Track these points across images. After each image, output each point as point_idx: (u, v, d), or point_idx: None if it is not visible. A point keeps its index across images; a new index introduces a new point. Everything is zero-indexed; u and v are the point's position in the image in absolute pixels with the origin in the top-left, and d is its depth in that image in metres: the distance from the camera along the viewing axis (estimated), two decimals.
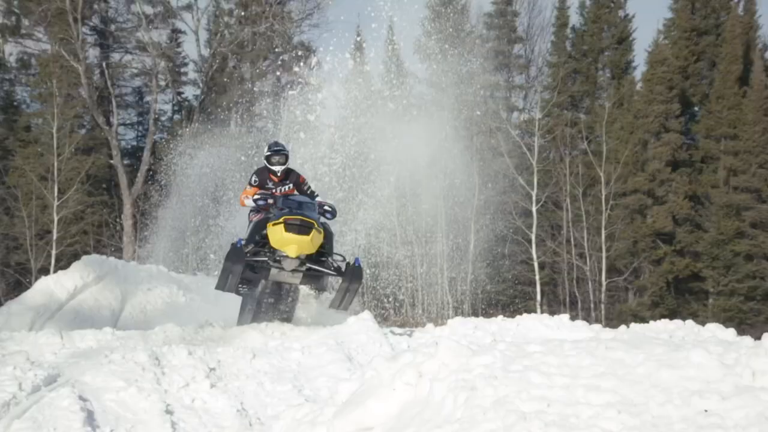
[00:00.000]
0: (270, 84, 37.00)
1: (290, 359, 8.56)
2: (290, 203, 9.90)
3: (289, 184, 10.57)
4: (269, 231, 9.73)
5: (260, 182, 10.51)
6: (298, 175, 10.76)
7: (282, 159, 10.46)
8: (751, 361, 4.67)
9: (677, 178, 32.72)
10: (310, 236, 9.59)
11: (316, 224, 9.66)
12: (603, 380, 4.71)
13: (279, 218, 9.62)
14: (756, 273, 30.84)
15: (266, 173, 10.52)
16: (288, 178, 10.57)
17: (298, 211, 9.67)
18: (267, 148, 10.62)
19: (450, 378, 5.06)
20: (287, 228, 9.52)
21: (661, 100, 33.01)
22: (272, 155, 10.50)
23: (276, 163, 10.42)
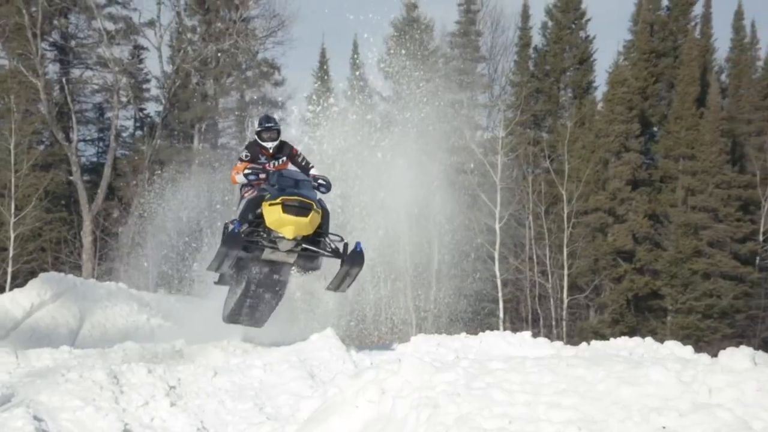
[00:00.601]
0: (234, 101, 36.90)
1: (252, 377, 8.48)
2: (285, 181, 9.38)
3: (282, 158, 10.00)
4: (265, 211, 9.27)
5: (252, 157, 9.91)
6: (291, 147, 10.18)
7: (273, 135, 9.89)
8: (707, 379, 4.74)
9: (637, 197, 33.23)
10: (309, 217, 9.19)
11: (315, 205, 9.24)
12: (564, 397, 4.74)
13: (276, 198, 9.16)
14: (713, 291, 31.36)
15: (258, 147, 9.93)
16: (281, 151, 10.01)
17: (294, 190, 9.22)
18: (257, 123, 10.06)
19: (413, 395, 5.05)
20: (285, 209, 9.09)
21: (621, 120, 33.56)
22: (263, 132, 9.90)
23: (267, 139, 9.86)
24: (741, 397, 4.57)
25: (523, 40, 37.34)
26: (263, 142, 9.86)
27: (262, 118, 10.12)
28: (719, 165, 32.45)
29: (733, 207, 32.30)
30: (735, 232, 31.94)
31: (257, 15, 34.48)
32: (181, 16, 33.77)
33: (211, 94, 35.38)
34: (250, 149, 9.99)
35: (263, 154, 9.88)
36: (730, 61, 38.30)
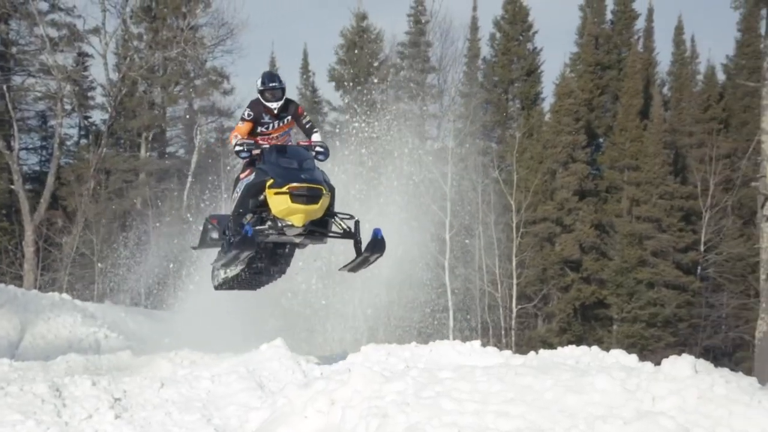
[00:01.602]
0: (182, 109, 36.49)
1: (199, 388, 8.36)
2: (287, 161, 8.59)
3: (286, 117, 9.25)
4: (270, 200, 8.51)
5: (255, 117, 9.13)
6: (297, 105, 9.43)
7: (278, 94, 9.06)
8: (651, 387, 4.83)
9: (584, 207, 33.75)
10: (319, 204, 8.53)
11: (324, 189, 8.56)
12: (512, 406, 4.78)
13: (282, 186, 8.38)
14: (657, 300, 31.97)
15: (261, 106, 9.12)
16: (286, 110, 9.22)
17: (301, 174, 8.46)
18: (260, 81, 9.14)
19: (362, 405, 5.04)
20: (294, 198, 8.38)
21: (568, 131, 34.10)
22: (265, 91, 9.06)
23: (271, 99, 9.03)
24: (683, 404, 4.67)
25: (472, 51, 37.75)
26: (267, 102, 9.07)
27: (264, 75, 9.25)
28: (662, 176, 33.15)
29: (676, 217, 33.01)
30: (677, 242, 32.64)
31: (205, 23, 34.12)
32: (127, 23, 33.25)
33: (158, 103, 34.93)
34: (253, 108, 9.18)
35: (267, 114, 9.13)
36: (671, 74, 39.27)
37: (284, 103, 9.12)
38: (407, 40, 37.72)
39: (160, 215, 31.52)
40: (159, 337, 13.64)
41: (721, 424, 4.51)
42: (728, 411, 4.58)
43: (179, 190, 33.92)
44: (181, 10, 32.83)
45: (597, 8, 38.15)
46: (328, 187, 8.72)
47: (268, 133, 9.16)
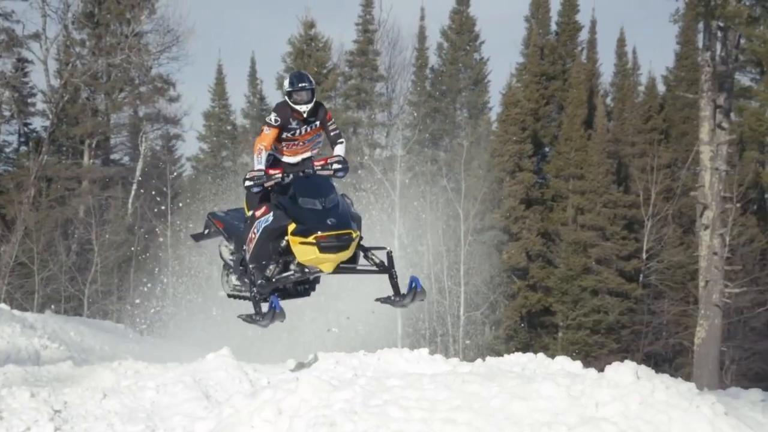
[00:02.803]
0: (127, 116, 35.92)
1: (144, 398, 8.21)
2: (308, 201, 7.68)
3: (315, 123, 8.40)
4: (295, 248, 7.65)
5: (282, 122, 8.25)
6: (326, 110, 8.53)
7: (307, 96, 8.17)
8: (595, 393, 4.92)
9: (530, 215, 34.17)
10: (350, 248, 7.76)
11: (354, 232, 7.74)
12: (459, 413, 4.81)
13: (307, 235, 7.50)
14: (600, 307, 32.50)
15: (288, 110, 8.27)
16: (315, 114, 8.35)
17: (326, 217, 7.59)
18: (288, 82, 8.27)
19: (310, 414, 5.02)
20: (322, 249, 7.54)
21: (515, 140, 34.52)
22: (294, 92, 8.19)
23: (299, 101, 8.16)
24: (625, 410, 4.76)
25: (420, 61, 38.02)
26: (296, 105, 8.20)
27: (293, 76, 8.39)
28: (606, 185, 33.76)
29: (619, 226, 33.63)
30: (620, 250, 33.24)
31: (150, 30, 33.72)
32: (69, 29, 32.60)
33: (102, 110, 34.33)
34: (279, 112, 8.33)
35: (295, 118, 8.28)
36: (614, 85, 40.09)
37: (314, 106, 8.29)
38: (356, 48, 37.81)
39: (104, 223, 30.95)
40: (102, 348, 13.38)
41: (661, 429, 4.61)
42: (668, 416, 4.68)
43: (124, 198, 33.36)
44: (125, 16, 32.36)
45: (542, 20, 38.79)
46: (357, 225, 7.90)
47: (294, 139, 8.39)
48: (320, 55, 37.63)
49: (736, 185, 24.89)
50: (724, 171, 13.02)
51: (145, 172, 34.21)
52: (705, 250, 13.22)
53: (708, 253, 13.15)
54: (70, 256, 28.94)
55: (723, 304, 13.44)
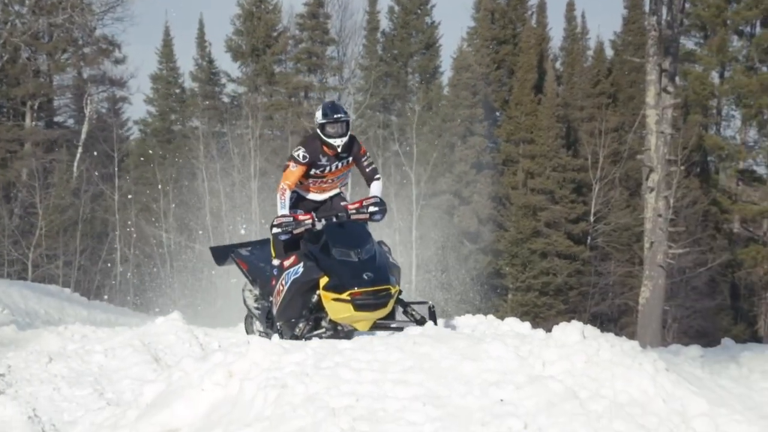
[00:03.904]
0: (71, 78, 34.98)
1: (91, 362, 8.13)
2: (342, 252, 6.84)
3: (347, 159, 7.57)
4: (327, 305, 6.78)
5: (311, 159, 7.39)
6: (360, 145, 7.71)
7: (342, 129, 7.34)
8: (542, 352, 5.02)
9: (481, 179, 34.43)
10: (388, 305, 6.85)
11: (392, 288, 6.84)
12: (410, 374, 4.87)
13: (341, 291, 6.66)
14: (549, 270, 33.07)
15: (318, 145, 7.41)
16: (348, 149, 7.51)
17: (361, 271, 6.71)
18: (320, 113, 7.43)
19: (261, 377, 5.03)
20: (358, 308, 6.66)
21: (466, 105, 34.61)
22: (328, 124, 7.34)
23: (334, 134, 7.32)
24: (571, 368, 4.87)
25: (371, 24, 37.69)
26: (329, 138, 7.32)
27: (326, 106, 7.51)
28: (555, 149, 34.14)
29: (568, 189, 34.11)
30: (569, 213, 33.76)
31: None
32: None
33: (44, 70, 33.37)
34: (308, 147, 7.42)
35: (325, 154, 7.43)
36: (563, 49, 40.31)
37: (348, 140, 7.42)
38: (306, 11, 37.31)
39: (49, 187, 30.30)
40: (47, 312, 13.16)
41: (605, 386, 4.74)
42: (612, 373, 4.81)
43: (69, 161, 32.65)
44: None
45: None
46: (396, 279, 7.04)
47: (323, 176, 7.55)
48: (270, 18, 37.06)
49: (681, 148, 25.40)
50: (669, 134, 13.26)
51: (91, 135, 33.50)
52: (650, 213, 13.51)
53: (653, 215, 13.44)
54: (12, 219, 28.30)
55: (667, 265, 13.79)
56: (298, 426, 4.43)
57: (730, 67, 35.07)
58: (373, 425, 4.38)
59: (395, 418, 4.45)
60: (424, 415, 4.46)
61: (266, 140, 35.63)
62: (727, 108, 37.26)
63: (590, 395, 4.62)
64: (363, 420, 4.43)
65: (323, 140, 7.33)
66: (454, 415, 4.46)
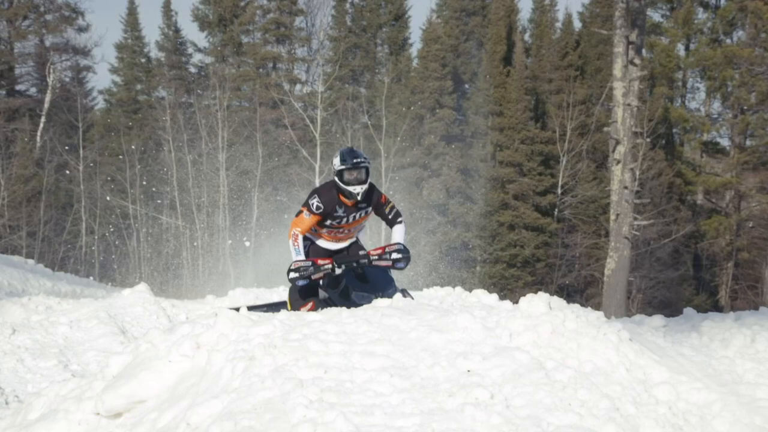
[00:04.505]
0: (33, 45, 34.24)
1: (56, 334, 8.07)
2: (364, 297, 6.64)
3: (366, 209, 7.08)
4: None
5: (325, 209, 6.91)
6: (380, 194, 7.18)
7: (361, 176, 6.85)
8: (509, 323, 5.07)
9: (450, 152, 34.47)
10: None
11: None
12: (378, 346, 4.89)
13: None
14: (517, 242, 33.32)
15: (335, 195, 6.93)
16: (367, 199, 7.02)
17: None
18: (338, 159, 6.91)
19: (229, 348, 5.02)
20: None
21: (435, 77, 34.52)
22: (346, 170, 6.85)
23: (354, 182, 6.82)
24: (537, 339, 4.93)
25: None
26: (347, 186, 6.84)
27: (344, 152, 7.00)
28: (524, 122, 34.24)
29: (536, 162, 34.29)
30: (537, 186, 33.97)
31: None
32: None
33: (4, 37, 32.60)
34: (324, 197, 6.93)
35: (342, 204, 6.96)
36: (532, 21, 40.30)
37: (368, 188, 6.93)
38: None
39: (11, 156, 29.78)
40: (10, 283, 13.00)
41: (570, 356, 4.81)
42: (577, 343, 4.88)
43: (32, 131, 32.08)
44: None
45: None
46: None
47: (339, 227, 7.11)
48: None
49: (646, 121, 25.63)
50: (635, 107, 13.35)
51: (55, 105, 32.93)
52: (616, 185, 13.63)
53: (619, 188, 13.57)
54: None
55: (632, 237, 13.97)
56: (266, 397, 4.44)
57: (695, 40, 35.39)
58: (341, 396, 4.41)
59: (363, 389, 4.48)
60: (391, 386, 4.49)
61: (234, 111, 35.31)
62: (692, 80, 37.66)
63: (556, 365, 4.69)
64: (331, 391, 4.45)
65: (341, 189, 6.87)
66: (422, 386, 4.50)
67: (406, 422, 4.19)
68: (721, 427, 4.33)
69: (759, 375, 5.10)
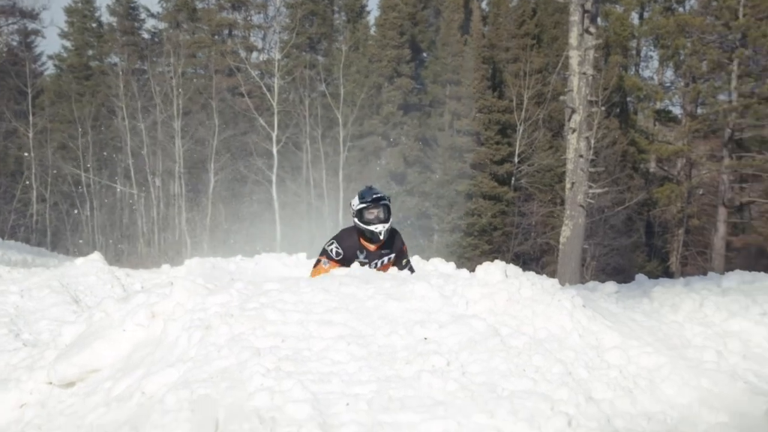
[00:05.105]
0: None
1: (6, 303, 7.94)
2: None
3: (389, 255, 6.71)
4: None
5: (346, 255, 6.54)
6: (402, 240, 6.86)
7: (383, 215, 6.50)
8: (466, 292, 5.11)
9: (408, 121, 34.43)
10: None
11: None
12: (335, 314, 4.90)
13: None
14: (474, 211, 33.54)
15: (356, 240, 6.57)
16: (390, 245, 6.67)
17: None
18: (356, 200, 6.57)
19: (185, 318, 4.99)
20: None
21: (393, 45, 34.34)
22: (366, 209, 6.50)
23: (375, 220, 6.47)
24: (493, 307, 4.98)
25: None
26: (368, 225, 6.47)
27: (363, 191, 6.64)
28: (481, 91, 34.29)
29: (493, 131, 34.44)
30: (494, 155, 34.16)
31: None
32: None
33: None
34: (343, 242, 6.56)
35: (364, 250, 6.59)
36: None
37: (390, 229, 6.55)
38: None
39: None
40: None
41: (526, 323, 4.87)
42: (532, 311, 4.95)
43: None
44: None
45: None
46: None
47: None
48: None
49: (601, 89, 25.89)
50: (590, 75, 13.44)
51: (2, 69, 32.05)
52: (572, 153, 13.76)
53: (574, 156, 13.70)
54: None
55: (587, 205, 14.14)
56: (223, 366, 4.43)
57: (649, 8, 35.70)
58: (298, 365, 4.42)
59: (320, 358, 4.50)
60: (349, 354, 4.51)
61: (189, 78, 34.75)
62: (646, 49, 38.07)
63: (511, 332, 4.75)
64: (288, 360, 4.46)
65: (362, 230, 6.49)
66: (379, 354, 4.53)
67: (363, 389, 4.22)
68: (669, 390, 4.44)
69: (706, 338, 5.23)
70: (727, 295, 6.11)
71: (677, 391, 4.44)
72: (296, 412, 4.03)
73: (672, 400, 4.37)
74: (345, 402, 4.11)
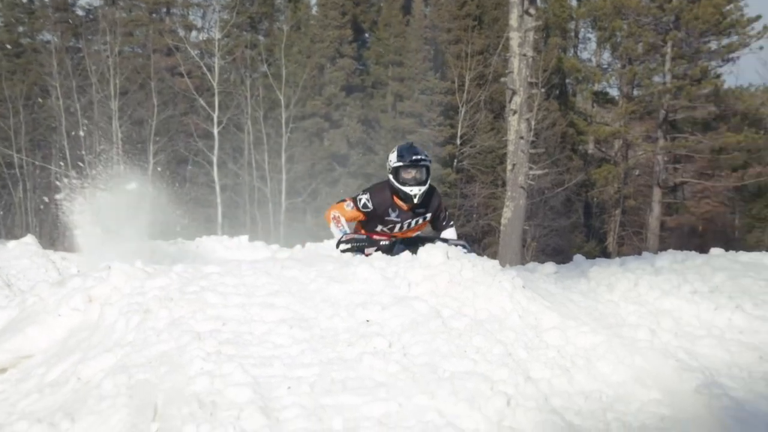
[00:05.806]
0: None
1: None
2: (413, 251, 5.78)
3: (425, 215, 6.38)
4: None
5: (376, 211, 6.25)
6: (439, 199, 6.49)
7: (421, 176, 6.16)
8: (408, 274, 5.15)
9: (351, 102, 34.32)
10: None
11: None
12: (277, 298, 4.89)
13: None
14: None
15: (389, 196, 6.24)
16: (426, 204, 6.32)
17: None
18: (395, 155, 6.26)
19: (123, 302, 4.92)
20: None
21: (335, 25, 34.12)
22: (403, 168, 6.17)
23: (411, 182, 6.13)
24: (435, 289, 5.03)
25: None
26: (404, 186, 6.13)
27: (402, 147, 6.30)
28: (423, 72, 34.37)
29: (436, 112, 34.58)
30: (437, 137, 34.32)
31: None
32: None
33: None
34: (375, 197, 6.24)
35: (396, 208, 6.25)
36: None
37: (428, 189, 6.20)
38: None
39: None
40: None
41: (467, 305, 4.93)
42: (473, 292, 5.00)
43: None
44: None
45: None
46: None
47: (391, 235, 6.33)
48: None
49: (541, 71, 26.18)
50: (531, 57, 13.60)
51: None
52: (513, 135, 13.93)
53: (515, 138, 13.87)
54: None
55: (527, 186, 14.34)
56: (162, 350, 4.38)
57: None
58: (240, 348, 4.39)
59: (262, 341, 4.48)
60: (291, 338, 4.51)
61: (126, 58, 33.96)
62: (584, 31, 38.61)
63: (452, 313, 4.80)
64: (229, 344, 4.42)
65: (396, 189, 6.16)
66: (321, 337, 4.53)
67: (306, 372, 4.22)
68: (605, 368, 4.55)
69: (640, 317, 5.36)
70: (660, 274, 6.26)
71: (612, 370, 4.54)
72: (237, 395, 4.01)
73: (607, 378, 4.48)
74: (287, 385, 4.10)
